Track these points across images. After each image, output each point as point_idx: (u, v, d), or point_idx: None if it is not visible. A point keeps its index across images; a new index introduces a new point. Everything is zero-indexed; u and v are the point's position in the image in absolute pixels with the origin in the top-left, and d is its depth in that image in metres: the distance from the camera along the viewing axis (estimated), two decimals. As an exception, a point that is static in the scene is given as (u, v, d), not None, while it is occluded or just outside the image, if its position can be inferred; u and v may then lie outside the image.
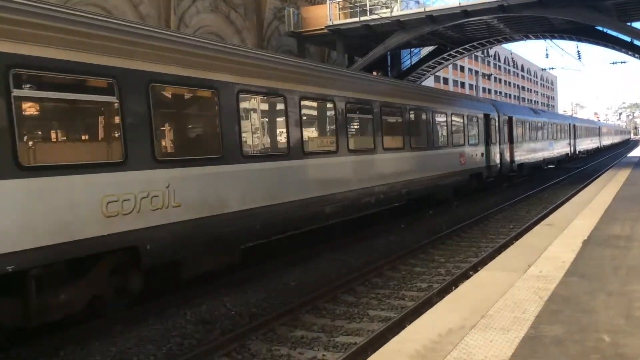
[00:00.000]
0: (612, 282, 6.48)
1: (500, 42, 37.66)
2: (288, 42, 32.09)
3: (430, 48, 37.31)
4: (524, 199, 21.09)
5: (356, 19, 29.58)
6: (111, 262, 7.20)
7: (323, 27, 30.07)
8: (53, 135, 7.26)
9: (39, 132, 7.07)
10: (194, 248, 8.15)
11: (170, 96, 8.58)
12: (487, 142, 22.25)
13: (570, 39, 33.97)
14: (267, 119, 10.65)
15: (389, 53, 34.40)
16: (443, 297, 6.71)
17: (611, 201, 13.99)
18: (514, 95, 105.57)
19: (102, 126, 7.62)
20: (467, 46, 35.92)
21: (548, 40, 35.34)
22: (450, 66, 72.79)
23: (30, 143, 6.60)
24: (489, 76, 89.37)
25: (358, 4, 29.73)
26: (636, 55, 34.27)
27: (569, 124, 44.19)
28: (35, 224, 6.10)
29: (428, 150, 16.35)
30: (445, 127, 18.02)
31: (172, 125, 8.62)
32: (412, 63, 38.32)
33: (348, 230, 14.23)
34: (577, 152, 46.16)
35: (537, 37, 35.07)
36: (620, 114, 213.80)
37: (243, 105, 9.41)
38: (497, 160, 23.33)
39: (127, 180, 7.08)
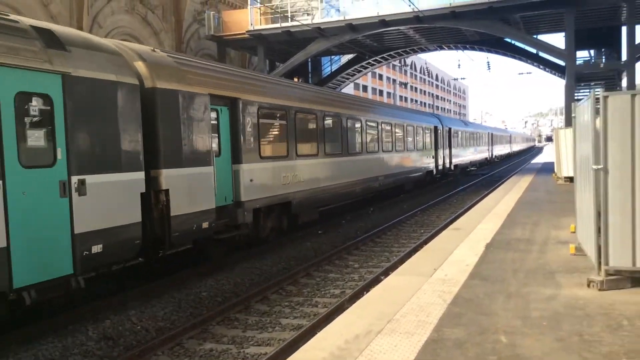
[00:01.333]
0: (512, 284, 6.79)
1: (416, 52, 38.88)
2: (208, 45, 31.60)
3: (350, 56, 37.96)
4: (435, 204, 21.79)
5: (277, 25, 29.59)
6: (280, 209, 13.30)
7: (244, 31, 29.85)
8: (270, 141, 13.11)
9: (263, 140, 12.63)
10: (308, 204, 14.56)
11: (301, 118, 14.55)
12: (436, 148, 29.32)
13: (481, 50, 35.61)
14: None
15: (309, 60, 34.67)
16: (354, 302, 6.75)
17: (514, 206, 14.75)
18: (429, 104, 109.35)
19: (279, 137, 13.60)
20: (385, 55, 36.83)
21: (460, 51, 36.89)
22: (370, 74, 74.46)
23: (262, 144, 12.39)
24: (405, 85, 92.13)
25: (279, 10, 29.75)
26: (541, 66, 36.42)
27: (488, 133, 52.55)
28: (263, 186, 12.26)
29: (404, 153, 23.79)
30: (413, 136, 25.26)
31: (300, 136, 14.33)
32: (333, 70, 38.88)
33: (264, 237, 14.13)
34: (493, 157, 54.93)
35: (450, 48, 36.52)
36: (526, 122, 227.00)
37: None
38: (442, 162, 30.38)
39: (288, 166, 13.44)
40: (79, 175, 7.41)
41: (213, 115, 10.71)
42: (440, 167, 29.95)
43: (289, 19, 28.86)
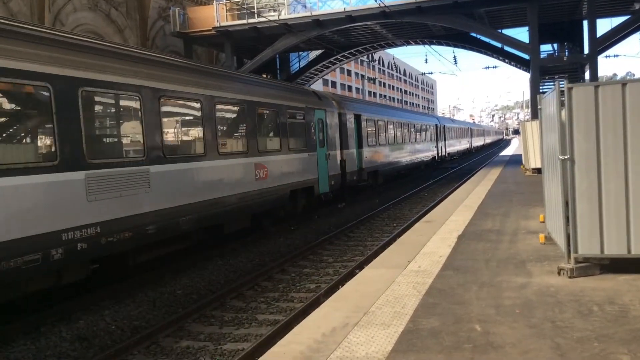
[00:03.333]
0: (484, 274, 6.91)
1: (383, 47, 39.10)
2: (174, 42, 31.21)
3: (318, 52, 37.97)
4: (407, 197, 22.03)
5: (244, 21, 29.42)
6: (377, 172, 23.82)
7: (210, 28, 29.60)
8: (372, 137, 23.94)
9: (369, 137, 23.73)
10: (387, 173, 25.88)
11: (387, 126, 26.30)
12: (437, 140, 40.04)
13: (448, 45, 36.02)
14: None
15: (277, 56, 34.58)
16: (330, 296, 6.79)
17: (484, 197, 15.00)
18: (397, 99, 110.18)
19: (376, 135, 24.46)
20: (352, 51, 36.95)
21: (427, 46, 37.27)
22: (338, 70, 74.52)
23: (368, 138, 23.13)
24: (374, 80, 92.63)
25: (245, 6, 29.56)
26: (506, 61, 37.04)
27: (469, 128, 64.11)
28: (369, 161, 22.93)
29: (423, 143, 35.27)
30: (423, 132, 35.51)
31: (386, 135, 25.69)
32: (301, 66, 38.83)
33: (238, 234, 14.07)
34: (472, 148, 65.64)
35: (417, 43, 36.82)
36: (493, 115, 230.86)
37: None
38: (441, 151, 41.41)
39: (380, 150, 24.54)
40: (332, 151, 18.42)
41: (353, 123, 21.27)
42: (440, 154, 40.96)
43: (256, 15, 28.72)
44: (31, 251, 6.85)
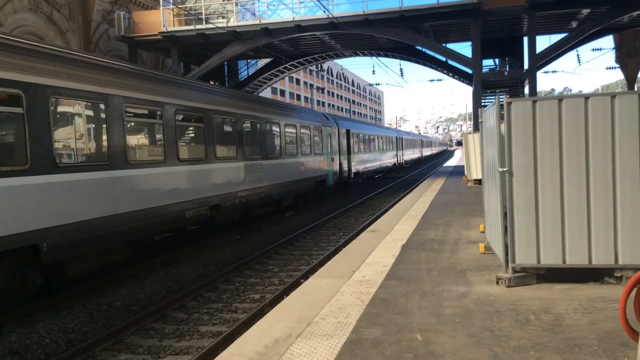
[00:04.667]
0: (426, 283, 7.01)
1: (332, 57, 39.42)
2: (118, 46, 30.44)
3: (267, 60, 37.88)
4: (353, 207, 22.18)
5: (191, 27, 29.02)
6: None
7: (156, 33, 29.04)
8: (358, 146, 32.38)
9: (355, 146, 31.86)
10: (364, 172, 33.77)
11: (362, 139, 34.28)
12: (397, 149, 48.74)
13: (394, 57, 36.66)
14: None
15: (226, 63, 34.26)
16: (274, 306, 6.71)
17: (428, 208, 15.28)
18: (345, 109, 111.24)
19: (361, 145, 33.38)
20: (301, 60, 37.07)
21: (375, 58, 37.79)
22: (287, 78, 74.61)
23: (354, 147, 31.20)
24: (322, 90, 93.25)
25: (193, 12, 29.18)
26: (450, 74, 38.00)
27: (420, 140, 74.70)
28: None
29: (384, 153, 41.48)
30: (389, 143, 44.30)
31: (364, 144, 34.75)
32: (249, 74, 38.63)
33: (180, 242, 13.80)
34: (423, 155, 75.00)
35: (364, 54, 37.30)
36: (438, 127, 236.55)
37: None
38: (398, 159, 48.95)
39: (361, 157, 32.56)
40: (334, 155, 26.01)
41: (345, 136, 28.27)
42: (399, 161, 49.78)
43: (204, 22, 28.40)
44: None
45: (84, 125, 9.40)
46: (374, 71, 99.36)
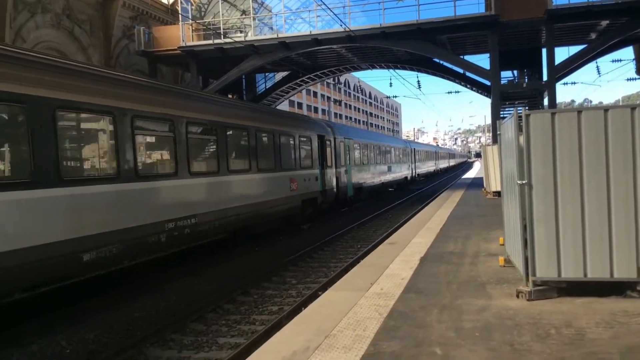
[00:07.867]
0: (445, 297, 6.96)
1: (349, 70, 39.56)
2: (138, 61, 30.93)
3: (284, 73, 38.15)
4: (371, 219, 22.13)
5: (210, 42, 29.40)
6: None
7: (176, 47, 29.47)
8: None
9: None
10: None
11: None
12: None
13: (412, 69, 36.65)
14: None
15: (244, 76, 34.57)
16: (292, 319, 6.72)
17: (446, 220, 15.18)
18: (363, 121, 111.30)
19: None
20: (318, 73, 37.24)
21: (392, 70, 37.84)
22: (304, 91, 75.13)
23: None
24: (340, 102, 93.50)
25: (212, 27, 29.56)
26: (468, 86, 37.86)
27: (444, 152, 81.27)
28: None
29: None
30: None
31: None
32: (267, 87, 38.90)
33: (199, 254, 13.88)
34: (447, 166, 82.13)
35: (381, 67, 37.37)
36: (456, 139, 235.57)
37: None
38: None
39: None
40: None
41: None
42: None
43: (222, 36, 28.74)
44: None
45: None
46: (391, 83, 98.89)
